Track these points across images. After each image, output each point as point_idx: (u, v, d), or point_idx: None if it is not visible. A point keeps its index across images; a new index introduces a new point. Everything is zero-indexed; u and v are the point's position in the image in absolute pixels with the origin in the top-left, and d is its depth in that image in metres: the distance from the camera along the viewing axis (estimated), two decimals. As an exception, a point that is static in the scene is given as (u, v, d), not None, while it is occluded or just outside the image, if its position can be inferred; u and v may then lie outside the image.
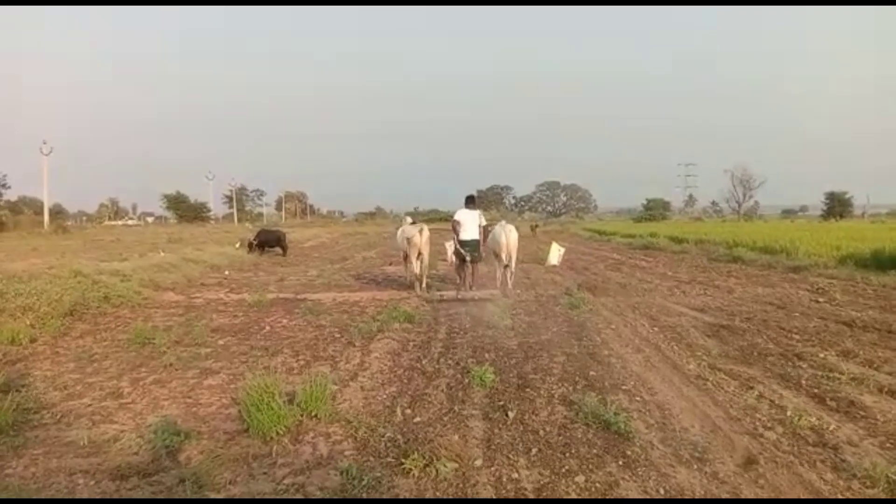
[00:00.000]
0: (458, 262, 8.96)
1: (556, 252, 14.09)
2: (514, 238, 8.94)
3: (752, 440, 3.23)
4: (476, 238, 8.73)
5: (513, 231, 9.02)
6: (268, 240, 17.98)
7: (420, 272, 9.14)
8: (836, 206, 62.34)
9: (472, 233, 8.73)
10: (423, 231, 9.07)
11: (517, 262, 9.55)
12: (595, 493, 2.72)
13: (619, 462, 3.00)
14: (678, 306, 7.68)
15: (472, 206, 9.00)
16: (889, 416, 3.59)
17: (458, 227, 8.79)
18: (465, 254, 8.67)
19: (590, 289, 8.97)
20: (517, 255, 9.32)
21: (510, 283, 9.05)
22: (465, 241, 8.71)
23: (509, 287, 8.95)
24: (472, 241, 8.71)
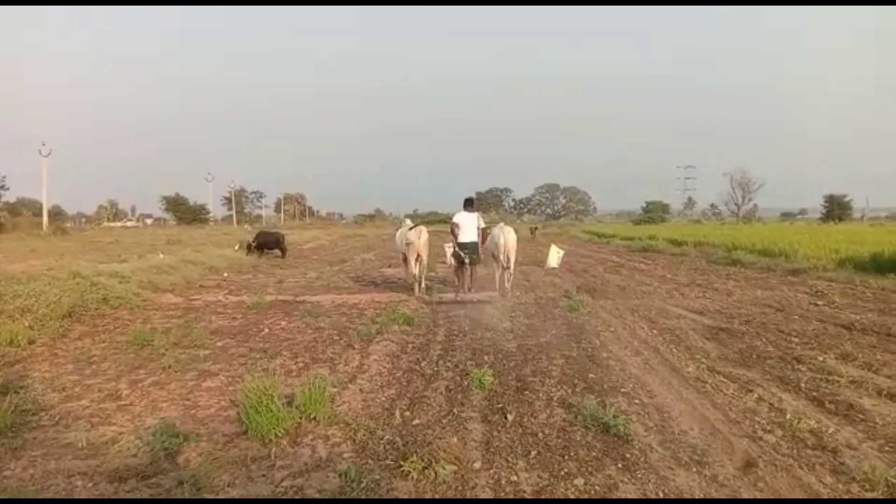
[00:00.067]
0: (457, 264, 9.01)
1: (555, 254, 14.07)
2: (512, 240, 8.95)
3: (752, 443, 3.24)
4: (475, 240, 8.80)
5: (511, 233, 9.03)
6: (267, 241, 17.94)
7: (419, 274, 9.21)
8: (835, 208, 62.44)
9: (470, 235, 8.80)
10: (422, 233, 9.12)
11: (516, 265, 9.56)
12: (594, 495, 2.72)
13: (618, 465, 3.00)
14: (677, 309, 7.69)
15: (470, 208, 9.07)
16: (888, 419, 3.59)
17: (456, 230, 8.86)
18: (463, 256, 8.72)
19: (589, 291, 8.98)
20: (516, 258, 9.33)
21: (509, 285, 9.05)
22: (463, 243, 8.78)
23: (508, 289, 8.96)
24: (470, 243, 8.78)
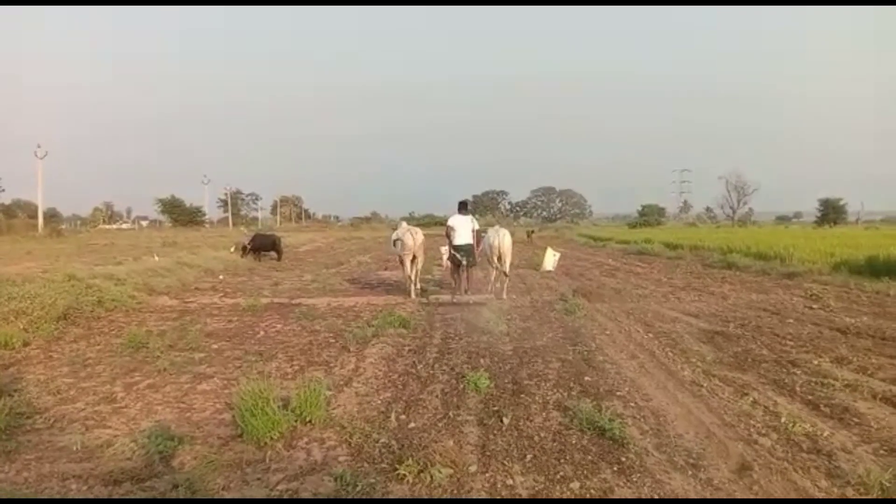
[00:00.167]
0: (454, 266, 9.06)
1: (551, 258, 14.09)
2: (507, 242, 8.99)
3: (747, 446, 3.24)
4: (470, 242, 8.90)
5: (506, 235, 9.08)
6: (263, 244, 17.90)
7: (414, 276, 9.34)
8: (830, 212, 62.71)
9: (465, 237, 8.90)
10: (418, 235, 9.26)
11: (512, 268, 9.58)
12: (590, 499, 2.72)
13: (613, 468, 3.00)
14: (673, 312, 7.71)
15: (465, 211, 9.19)
16: (883, 422, 3.61)
17: (451, 233, 8.95)
18: (459, 258, 8.77)
19: (585, 294, 8.99)
20: (512, 260, 9.36)
21: (505, 287, 9.08)
22: (459, 245, 8.88)
23: (503, 291, 8.98)
24: (466, 245, 8.87)
